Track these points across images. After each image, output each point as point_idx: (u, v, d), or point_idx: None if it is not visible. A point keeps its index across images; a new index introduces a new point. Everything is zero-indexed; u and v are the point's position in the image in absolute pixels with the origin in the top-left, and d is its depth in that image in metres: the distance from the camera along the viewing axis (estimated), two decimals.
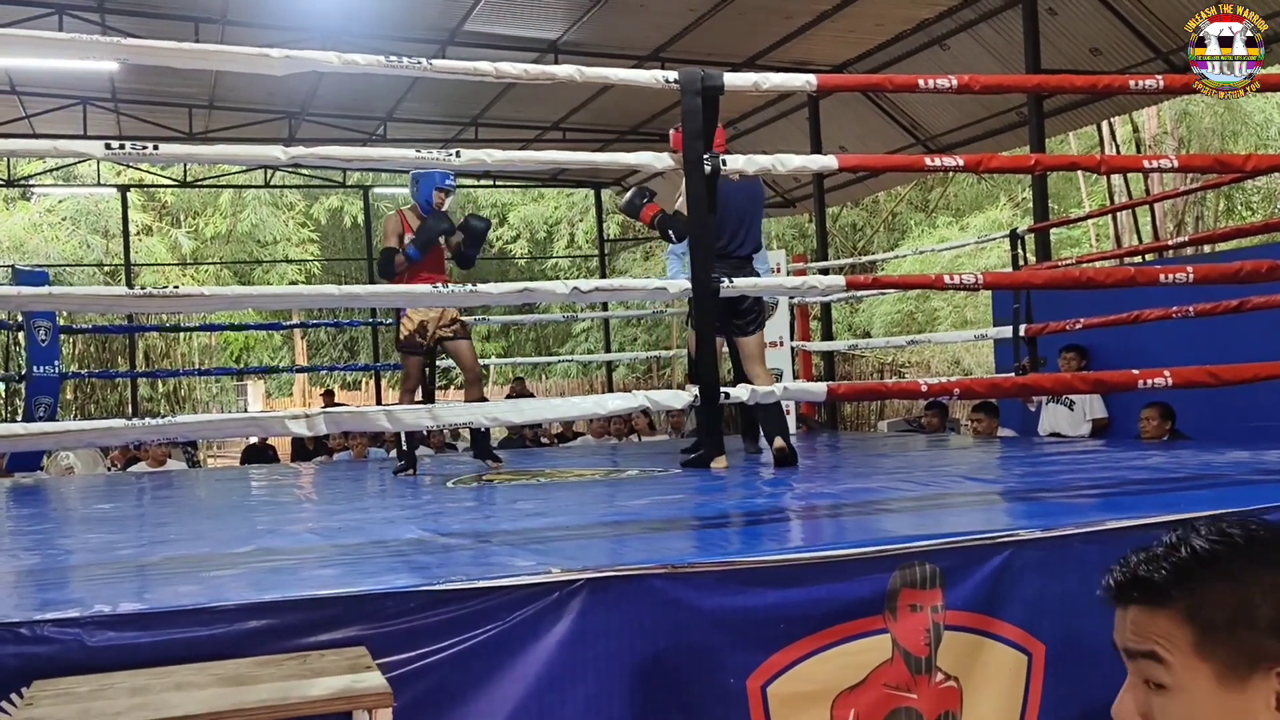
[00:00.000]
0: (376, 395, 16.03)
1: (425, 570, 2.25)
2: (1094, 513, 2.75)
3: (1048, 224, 8.71)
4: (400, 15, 9.89)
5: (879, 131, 12.05)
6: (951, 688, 2.34)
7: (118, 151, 2.78)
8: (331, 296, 2.95)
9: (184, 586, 2.22)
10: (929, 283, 3.49)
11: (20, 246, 19.16)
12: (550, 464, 5.87)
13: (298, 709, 1.73)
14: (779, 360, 7.35)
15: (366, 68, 2.93)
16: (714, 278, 3.08)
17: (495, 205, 21.92)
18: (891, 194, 18.54)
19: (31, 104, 12.31)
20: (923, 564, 2.35)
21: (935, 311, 17.38)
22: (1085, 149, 15.79)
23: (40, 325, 6.48)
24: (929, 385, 3.20)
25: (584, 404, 3.06)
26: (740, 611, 2.23)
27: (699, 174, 3.04)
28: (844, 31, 10.32)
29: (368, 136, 13.32)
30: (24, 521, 3.94)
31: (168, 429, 2.70)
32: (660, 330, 20.73)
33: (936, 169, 3.52)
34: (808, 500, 3.61)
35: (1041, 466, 4.42)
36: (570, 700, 2.11)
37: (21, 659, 1.85)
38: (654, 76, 3.18)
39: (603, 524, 3.25)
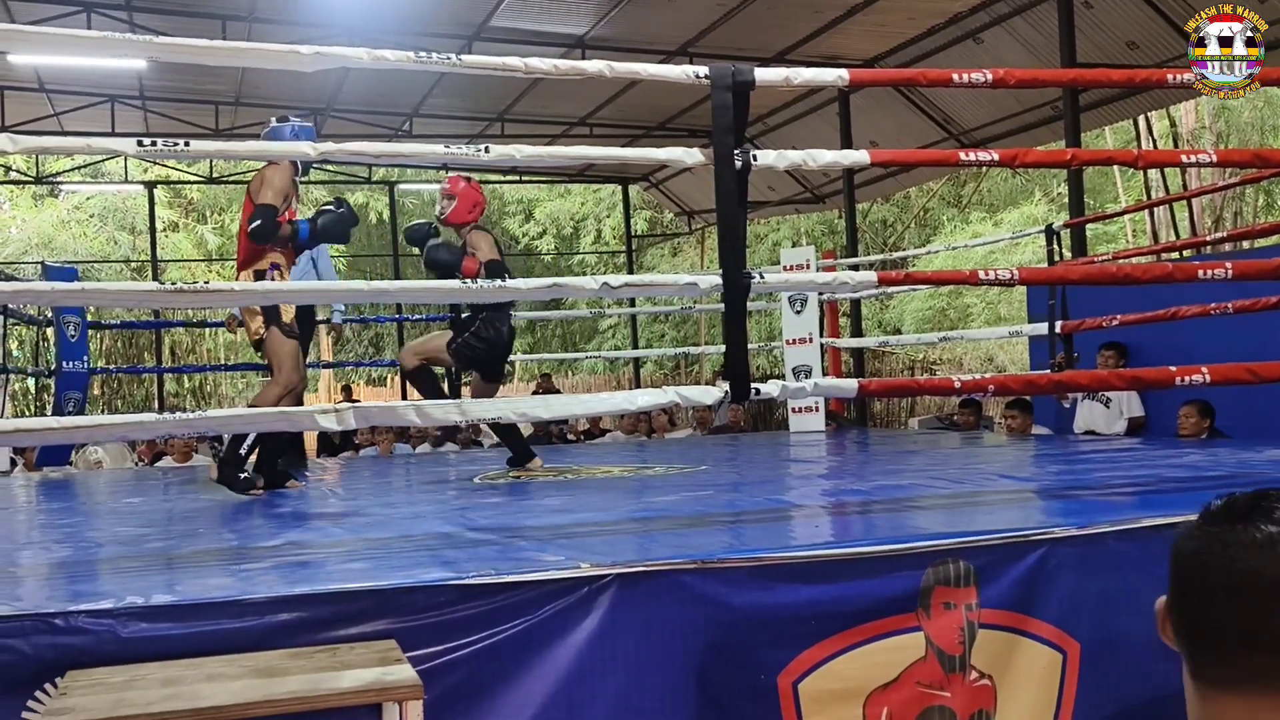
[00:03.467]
0: (401, 391, 16.09)
1: (454, 565, 2.25)
2: (1130, 510, 2.72)
3: (1083, 219, 8.60)
4: (426, 11, 9.91)
5: (911, 126, 11.96)
6: (986, 686, 2.32)
7: (149, 148, 2.79)
8: (359, 292, 2.95)
9: (214, 579, 2.23)
10: (963, 278, 3.45)
11: (49, 243, 19.38)
12: (577, 460, 5.87)
13: (328, 701, 1.74)
14: (807, 357, 7.31)
15: (396, 63, 2.93)
16: (745, 273, 3.06)
17: (521, 201, 21.94)
18: (923, 189, 18.39)
19: (60, 102, 12.44)
20: (956, 561, 2.33)
21: (968, 308, 17.22)
22: (1121, 144, 15.59)
23: (69, 321, 6.55)
24: (962, 382, 3.16)
25: (613, 399, 3.05)
26: (771, 608, 2.21)
27: (729, 169, 3.02)
28: (875, 25, 10.24)
29: (393, 133, 13.36)
30: (54, 514, 3.99)
31: (196, 423, 2.71)
32: (688, 327, 20.68)
33: (971, 163, 3.47)
34: (838, 497, 3.58)
35: (1077, 464, 4.36)
36: (599, 695, 2.10)
37: (56, 649, 1.86)
38: (684, 72, 3.16)
39: (631, 519, 3.24)
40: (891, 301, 17.72)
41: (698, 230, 18.12)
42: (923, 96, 11.57)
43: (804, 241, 17.87)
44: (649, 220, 20.93)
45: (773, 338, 13.32)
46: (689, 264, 19.72)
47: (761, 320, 17.35)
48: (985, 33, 10.05)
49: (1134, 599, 2.46)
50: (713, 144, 3.05)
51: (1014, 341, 12.99)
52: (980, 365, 16.92)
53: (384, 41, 3.18)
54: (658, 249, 21.22)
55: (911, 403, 15.29)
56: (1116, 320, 5.42)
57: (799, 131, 12.75)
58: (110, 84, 12.14)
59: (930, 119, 11.79)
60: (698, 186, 15.12)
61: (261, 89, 12.15)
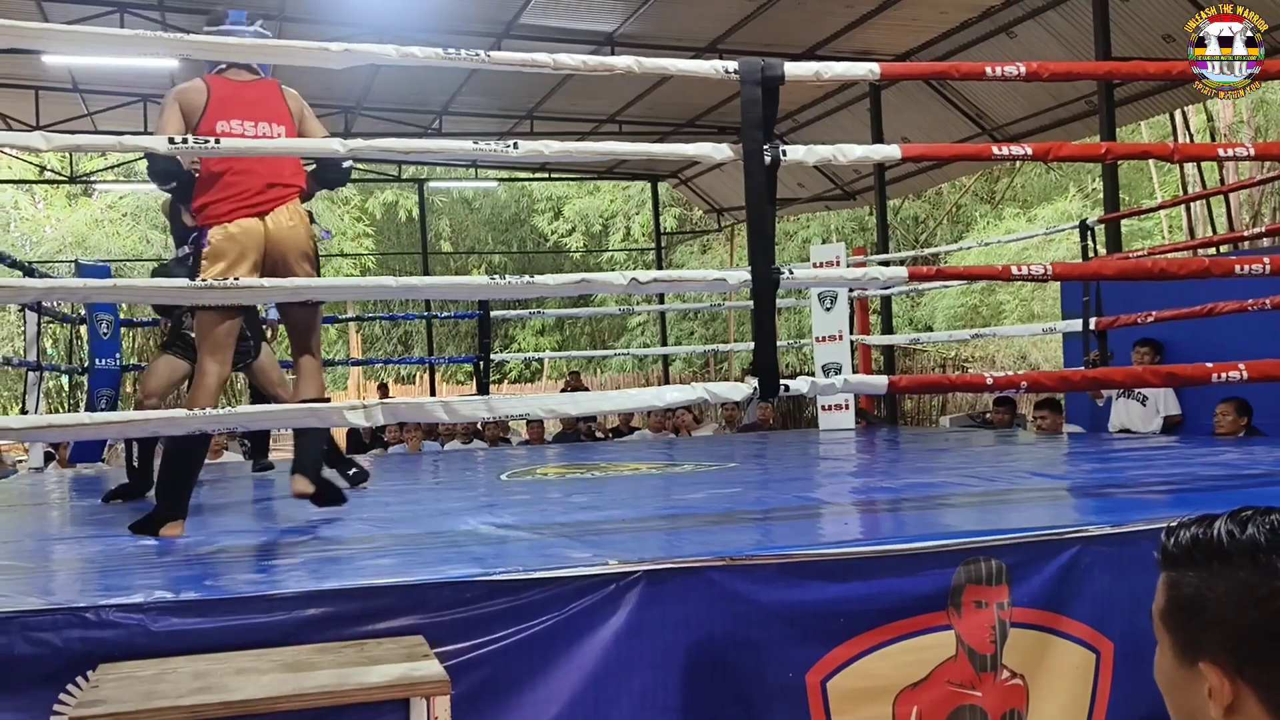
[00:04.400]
0: (430, 388, 16.17)
1: (482, 561, 2.25)
2: (1165, 509, 2.68)
3: (1119, 215, 8.50)
4: (455, 9, 9.94)
5: (943, 122, 11.86)
6: (1017, 685, 2.30)
7: (180, 147, 2.81)
8: (389, 289, 2.95)
9: (243, 574, 2.25)
10: (995, 274, 3.42)
11: (82, 242, 19.65)
12: (605, 458, 5.86)
13: (356, 695, 1.74)
14: (837, 354, 7.26)
15: (425, 60, 2.93)
16: (774, 269, 3.05)
17: (550, 198, 21.99)
18: (955, 185, 18.25)
19: (93, 101, 12.60)
20: (988, 559, 2.31)
21: (1000, 305, 17.07)
22: (1157, 138, 15.40)
23: (102, 319, 6.62)
24: (995, 379, 3.12)
25: (642, 396, 3.04)
26: (799, 605, 2.20)
27: (758, 165, 3.00)
28: (907, 20, 10.16)
29: (423, 130, 13.41)
30: (86, 510, 4.03)
31: (227, 419, 2.73)
32: (717, 324, 20.65)
33: (1004, 158, 3.44)
34: (868, 494, 3.55)
35: (1111, 462, 4.31)
36: (626, 692, 2.09)
37: (87, 643, 1.88)
38: (713, 67, 3.14)
39: (659, 517, 3.23)
40: (922, 299, 17.60)
41: (727, 227, 18.09)
42: (955, 91, 11.48)
43: (834, 238, 17.77)
44: (678, 217, 20.90)
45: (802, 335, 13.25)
46: (718, 261, 19.67)
47: (790, 318, 17.28)
48: (1018, 26, 9.95)
49: None
50: (742, 140, 3.04)
51: (1047, 339, 12.87)
52: (1013, 363, 16.76)
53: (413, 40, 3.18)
54: (686, 246, 21.20)
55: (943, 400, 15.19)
56: (1152, 317, 5.35)
57: (829, 127, 12.68)
58: (143, 83, 12.27)
59: (962, 114, 11.69)
60: (727, 183, 15.08)
61: (292, 86, 12.22)
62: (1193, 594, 1.01)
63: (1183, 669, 1.01)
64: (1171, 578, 1.04)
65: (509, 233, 23.01)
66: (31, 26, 3.76)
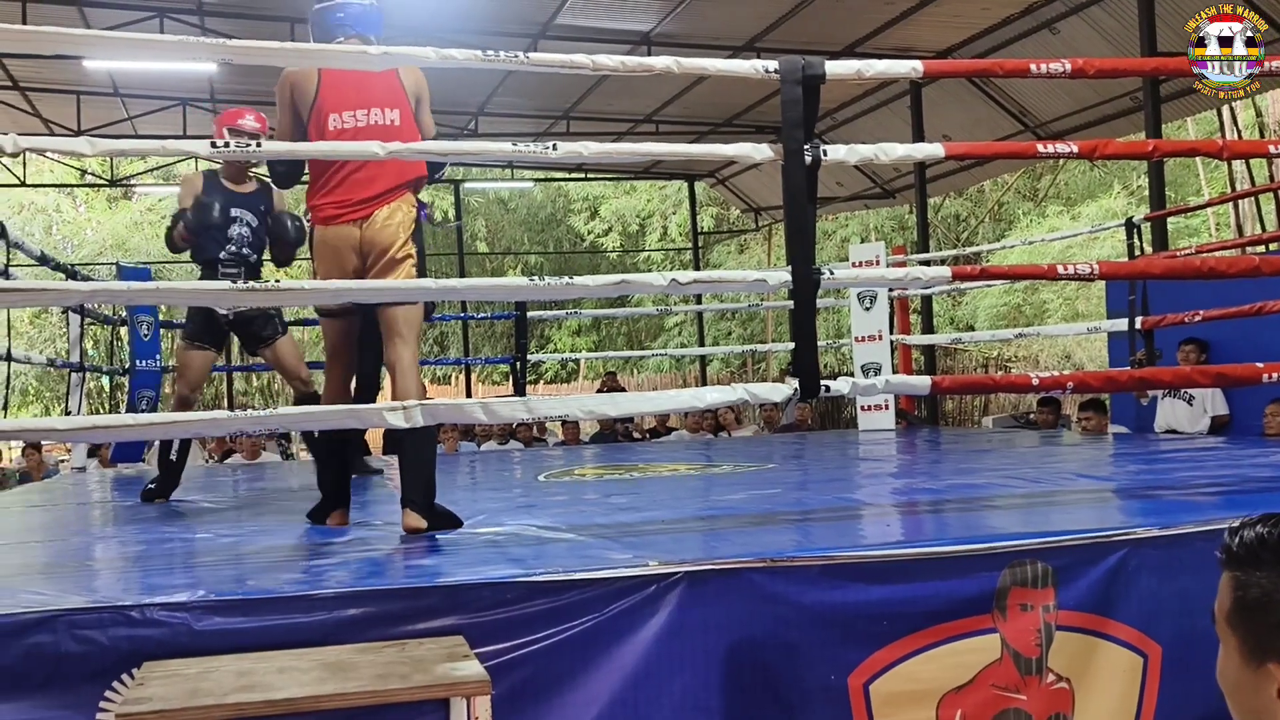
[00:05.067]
0: (466, 389, 16.24)
1: (521, 562, 2.25)
2: (1214, 511, 2.64)
3: (1165, 212, 8.36)
4: (491, 11, 9.98)
5: (985, 119, 11.74)
6: (1063, 689, 2.27)
7: (222, 150, 2.84)
8: (428, 290, 2.96)
9: (285, 574, 2.26)
10: (1040, 273, 3.37)
11: (123, 245, 19.98)
12: (642, 459, 5.85)
13: (397, 695, 1.75)
14: (877, 354, 7.21)
15: (463, 62, 2.93)
16: (815, 269, 3.02)
17: (587, 198, 22.00)
18: (997, 183, 18.05)
19: (133, 106, 12.80)
20: (1034, 562, 2.27)
21: (1044, 304, 16.85)
22: (1205, 135, 15.14)
23: (143, 320, 6.71)
24: (1040, 378, 3.08)
25: (681, 397, 3.02)
26: (841, 607, 2.18)
27: (799, 164, 2.98)
28: (948, 16, 10.07)
29: (459, 131, 13.49)
30: (129, 511, 4.08)
31: (268, 420, 2.75)
32: (755, 324, 20.57)
33: (1049, 155, 3.39)
34: (910, 495, 3.52)
35: (1158, 463, 4.24)
36: (666, 694, 2.08)
37: (133, 641, 1.90)
38: (753, 66, 3.12)
39: (698, 518, 3.22)
40: (964, 298, 17.42)
41: (765, 227, 18.03)
42: (997, 88, 11.36)
43: (873, 237, 17.65)
44: (715, 217, 20.84)
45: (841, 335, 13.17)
46: (756, 261, 19.60)
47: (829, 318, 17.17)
48: (1062, 22, 9.82)
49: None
50: (782, 139, 3.01)
51: (1092, 338, 12.70)
52: (1057, 362, 16.56)
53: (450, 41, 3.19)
54: (724, 246, 21.14)
55: (985, 401, 15.04)
56: (1199, 316, 5.25)
57: (869, 125, 12.60)
58: (182, 88, 12.44)
59: (1005, 111, 11.56)
60: (765, 183, 15.03)
61: None
62: (1261, 595, 0.99)
63: (1249, 670, 1.00)
64: (1237, 578, 1.03)
65: (545, 233, 23.07)
66: (77, 33, 3.81)
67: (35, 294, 3.05)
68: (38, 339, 18.87)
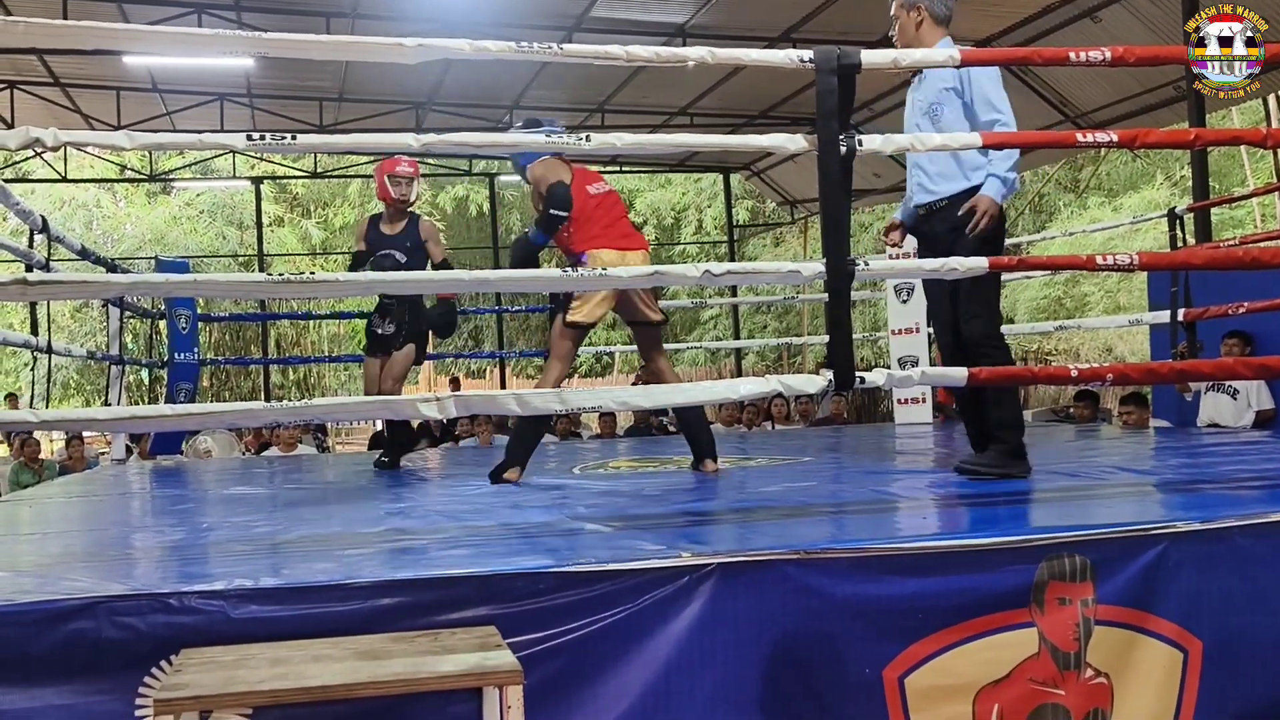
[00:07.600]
0: (501, 382, 16.32)
1: (554, 552, 2.25)
2: (1257, 505, 2.58)
3: (1208, 203, 8.23)
4: (526, 4, 10.00)
5: (1024, 109, 11.57)
6: (1102, 684, 2.24)
7: (258, 143, 2.86)
8: (461, 282, 2.97)
9: (320, 564, 2.27)
10: (1080, 264, 3.31)
11: (161, 239, 20.28)
12: (677, 452, 5.84)
13: (430, 684, 1.76)
14: (914, 347, 7.14)
15: (498, 54, 2.93)
16: (850, 261, 3.00)
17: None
18: (1037, 174, 17.82)
19: (172, 101, 12.97)
20: (1072, 556, 2.25)
21: (1085, 297, 16.64)
22: (1250, 124, 14.88)
23: (181, 313, 6.79)
24: (1079, 370, 3.03)
25: (716, 388, 3.02)
26: (876, 600, 2.16)
27: (834, 155, 2.95)
28: (987, 5, 9.95)
29: (494, 125, 13.54)
30: (167, 501, 4.13)
31: (304, 411, 2.76)
32: (791, 318, 20.49)
33: (1089, 145, 3.34)
34: (947, 488, 3.48)
35: (1200, 457, 4.17)
36: (699, 685, 2.08)
37: (171, 628, 1.93)
38: (788, 56, 3.09)
39: (732, 510, 3.21)
40: (1003, 290, 17.21)
41: (800, 220, 17.93)
42: (1037, 77, 11.21)
43: None
44: (750, 210, 20.78)
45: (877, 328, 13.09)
46: (791, 254, 19.52)
47: (865, 311, 17.07)
48: (1103, 10, 9.68)
49: (1261, 597, 2.34)
50: (817, 130, 2.99)
51: (1133, 331, 12.54)
52: (1098, 355, 16.36)
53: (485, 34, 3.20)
54: (759, 239, 21.07)
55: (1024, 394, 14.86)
56: (1243, 308, 5.16)
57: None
58: (219, 83, 12.59)
59: (1045, 101, 11.42)
60: (800, 175, 14.94)
61: (365, 84, 12.43)
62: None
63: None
64: None
65: None
66: (119, 27, 3.86)
67: (77, 287, 3.08)
68: (78, 333, 19.19)
